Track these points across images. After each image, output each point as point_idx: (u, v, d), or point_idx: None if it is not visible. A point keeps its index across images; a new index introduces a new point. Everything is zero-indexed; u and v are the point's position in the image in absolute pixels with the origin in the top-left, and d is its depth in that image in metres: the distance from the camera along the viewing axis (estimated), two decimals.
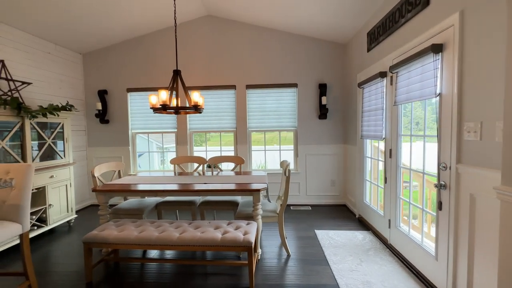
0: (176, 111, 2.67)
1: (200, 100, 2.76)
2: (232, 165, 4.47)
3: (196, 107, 2.66)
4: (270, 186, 4.34)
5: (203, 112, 4.12)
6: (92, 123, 4.47)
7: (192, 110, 2.67)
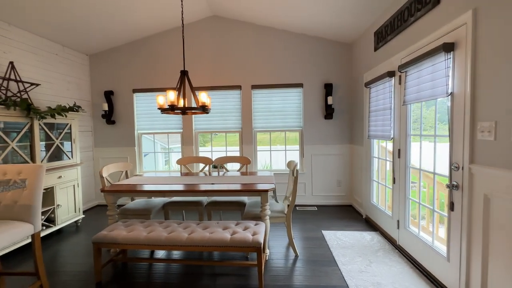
0: (184, 111, 2.68)
1: (208, 101, 2.76)
2: (237, 165, 4.48)
3: (204, 107, 2.66)
4: (275, 187, 4.33)
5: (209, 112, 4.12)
6: (98, 123, 4.50)
7: (200, 110, 2.67)
